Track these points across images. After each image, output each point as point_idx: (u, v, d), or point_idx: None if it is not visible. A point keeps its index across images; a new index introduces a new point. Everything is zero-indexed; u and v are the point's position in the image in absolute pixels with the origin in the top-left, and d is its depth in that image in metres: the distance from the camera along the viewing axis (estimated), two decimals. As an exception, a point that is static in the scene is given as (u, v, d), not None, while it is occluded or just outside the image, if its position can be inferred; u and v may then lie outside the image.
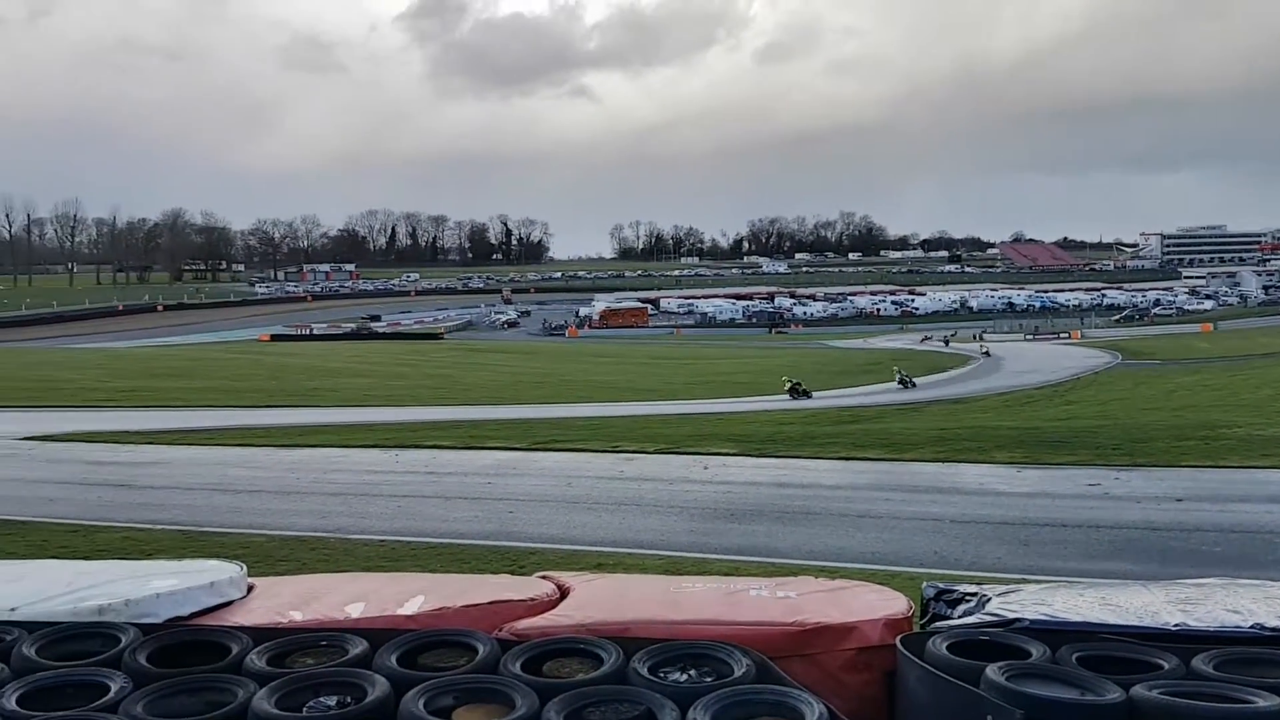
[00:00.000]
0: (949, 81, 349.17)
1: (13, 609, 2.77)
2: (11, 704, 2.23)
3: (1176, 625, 2.59)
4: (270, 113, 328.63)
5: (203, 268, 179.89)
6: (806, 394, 35.89)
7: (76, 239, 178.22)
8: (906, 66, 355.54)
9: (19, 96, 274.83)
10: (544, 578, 3.24)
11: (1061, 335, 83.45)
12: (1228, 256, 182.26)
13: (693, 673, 2.38)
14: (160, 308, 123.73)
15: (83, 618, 2.71)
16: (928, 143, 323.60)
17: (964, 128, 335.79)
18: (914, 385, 40.24)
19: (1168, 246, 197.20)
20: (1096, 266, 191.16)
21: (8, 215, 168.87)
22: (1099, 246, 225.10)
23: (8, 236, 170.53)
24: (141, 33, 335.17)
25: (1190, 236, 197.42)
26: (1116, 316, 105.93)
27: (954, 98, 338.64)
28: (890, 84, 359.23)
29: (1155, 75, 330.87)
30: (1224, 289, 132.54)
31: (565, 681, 2.32)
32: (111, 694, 2.28)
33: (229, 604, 2.95)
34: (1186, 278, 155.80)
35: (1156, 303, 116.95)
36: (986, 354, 59.08)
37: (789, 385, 36.42)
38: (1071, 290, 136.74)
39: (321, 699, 2.27)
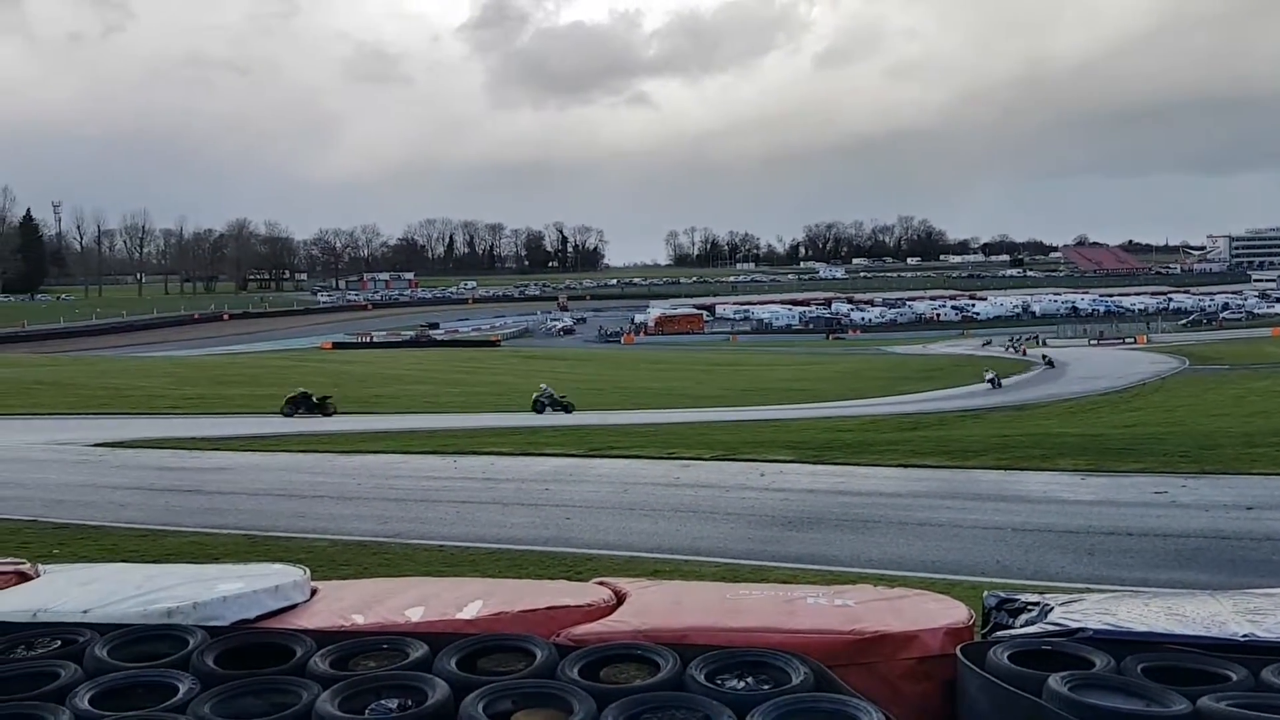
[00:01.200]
0: (1012, 84, 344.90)
1: (85, 611, 2.84)
2: (84, 704, 2.29)
3: (1245, 636, 2.53)
4: (333, 124, 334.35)
5: (267, 277, 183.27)
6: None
7: (145, 250, 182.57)
8: (969, 69, 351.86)
9: (92, 111, 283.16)
10: (601, 583, 3.25)
11: (1127, 340, 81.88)
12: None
13: (750, 680, 2.38)
14: (226, 316, 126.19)
15: (152, 620, 2.78)
16: (989, 146, 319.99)
17: (1026, 130, 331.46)
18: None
19: (1236, 249, 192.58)
20: (1163, 270, 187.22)
21: (79, 227, 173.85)
22: (1165, 249, 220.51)
23: (79, 248, 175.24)
24: (210, 47, 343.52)
25: (1260, 238, 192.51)
26: (1184, 321, 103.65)
27: (1017, 100, 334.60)
28: (952, 87, 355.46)
29: (1224, 75, 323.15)
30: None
31: (622, 687, 2.33)
32: (180, 695, 2.33)
33: (293, 607, 3.00)
34: (1256, 281, 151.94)
35: (1225, 306, 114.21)
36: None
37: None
38: (1137, 294, 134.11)
39: (383, 701, 2.30)
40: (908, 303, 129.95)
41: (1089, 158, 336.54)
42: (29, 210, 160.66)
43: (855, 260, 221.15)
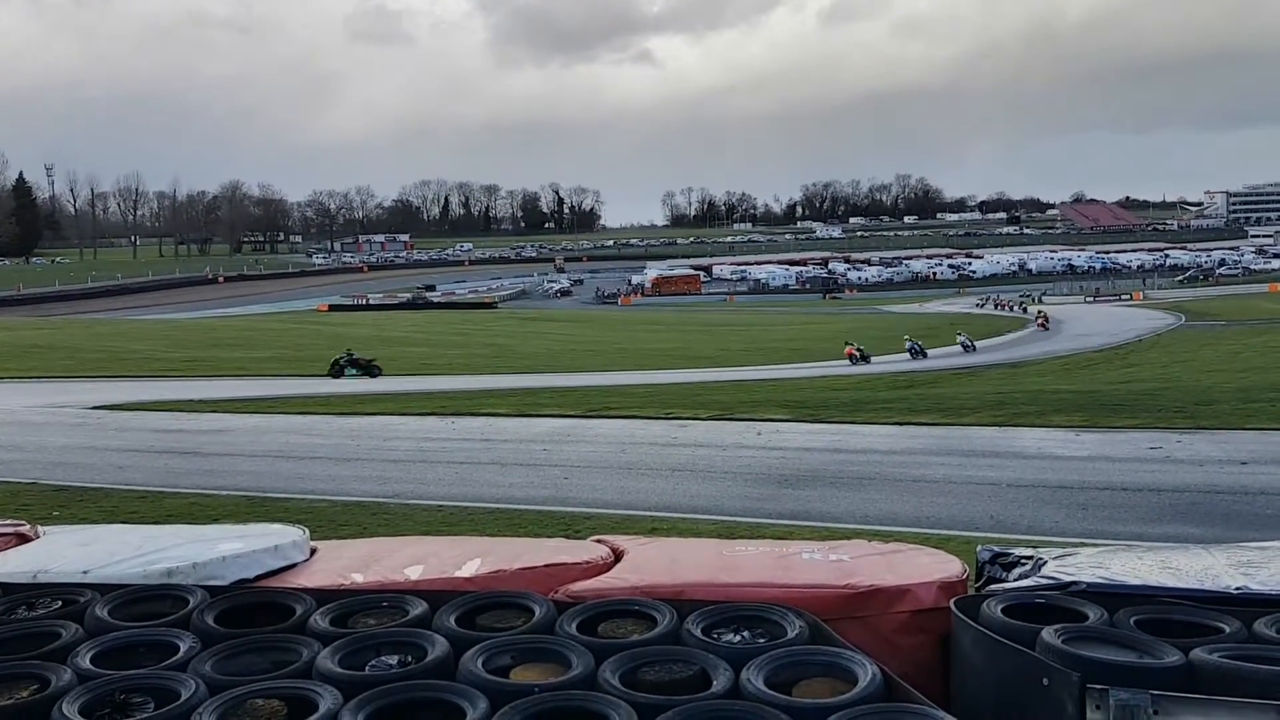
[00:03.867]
0: (1020, 40, 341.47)
1: (85, 571, 2.86)
2: (86, 663, 2.31)
3: (1238, 589, 2.55)
4: (331, 85, 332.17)
5: (261, 239, 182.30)
6: None
7: (139, 212, 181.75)
8: (977, 24, 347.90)
9: (91, 72, 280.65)
10: (599, 541, 3.28)
11: (1123, 297, 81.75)
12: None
13: (746, 634, 2.40)
14: (221, 279, 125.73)
15: (152, 580, 2.80)
16: (992, 103, 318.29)
17: (1031, 87, 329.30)
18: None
19: (1234, 205, 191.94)
20: (1160, 226, 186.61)
21: (72, 190, 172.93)
22: (1162, 206, 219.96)
23: (73, 211, 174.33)
24: (212, 6, 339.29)
25: (1257, 194, 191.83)
26: (1180, 277, 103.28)
27: (1024, 56, 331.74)
28: (959, 43, 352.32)
29: (1239, 29, 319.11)
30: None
31: (620, 642, 2.35)
32: (181, 653, 2.35)
33: (293, 567, 3.02)
34: (1253, 237, 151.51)
35: (1222, 262, 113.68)
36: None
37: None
38: (1134, 251, 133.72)
39: (383, 658, 2.32)
40: (904, 262, 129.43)
41: (1093, 114, 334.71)
42: (21, 173, 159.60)
43: (852, 219, 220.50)
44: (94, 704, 2.13)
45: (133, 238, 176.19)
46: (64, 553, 3.11)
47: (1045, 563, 2.84)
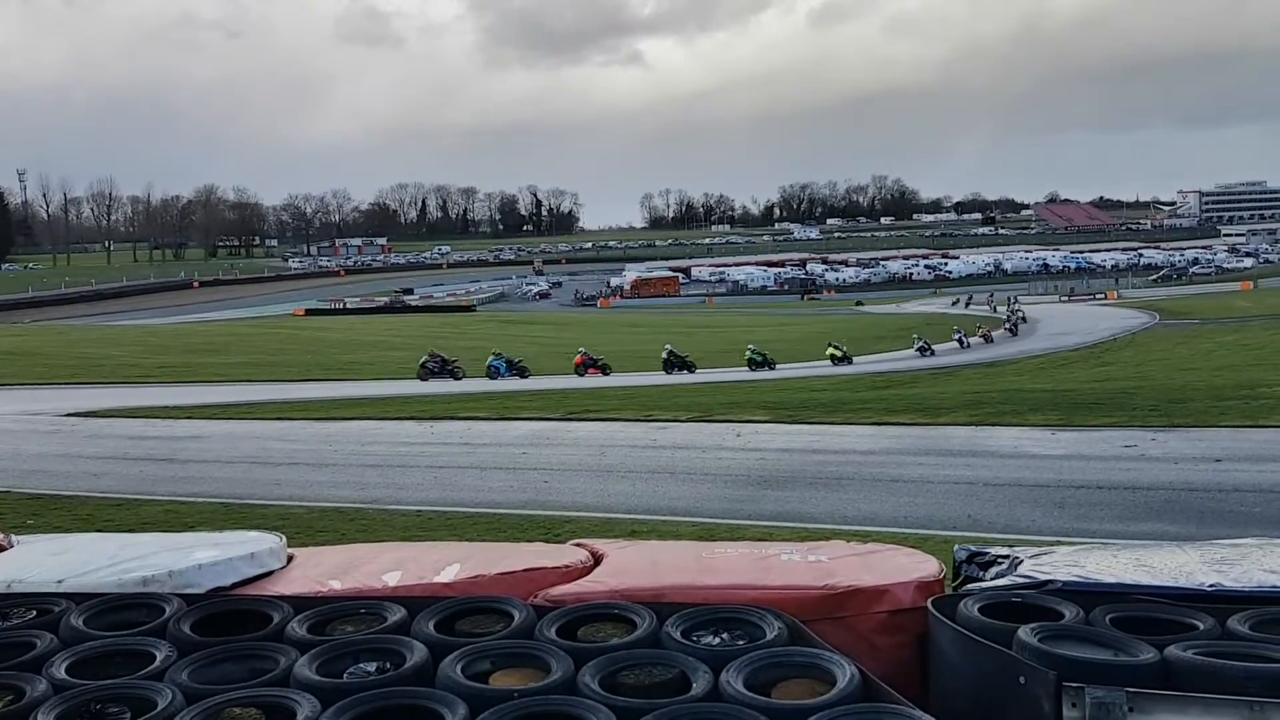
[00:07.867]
0: (1001, 40, 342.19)
1: (60, 581, 2.83)
2: (61, 673, 2.29)
3: (1212, 586, 2.58)
4: (315, 89, 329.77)
5: (236, 244, 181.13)
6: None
7: (112, 217, 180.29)
8: (966, 24, 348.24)
9: (75, 75, 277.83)
10: (578, 545, 3.27)
11: (1098, 296, 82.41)
12: (1268, 213, 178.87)
13: (725, 636, 2.40)
14: (196, 284, 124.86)
15: (128, 589, 2.77)
16: (969, 104, 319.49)
17: (1008, 88, 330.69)
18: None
19: (1206, 204, 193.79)
20: (1133, 226, 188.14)
21: (45, 195, 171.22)
22: (1136, 205, 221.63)
23: (46, 216, 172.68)
24: (200, 8, 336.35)
25: (1229, 193, 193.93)
26: (1154, 276, 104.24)
27: (1003, 57, 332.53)
28: (947, 43, 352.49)
29: (1222, 28, 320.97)
30: (1264, 246, 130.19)
31: (600, 646, 2.35)
32: (157, 662, 2.34)
33: (269, 574, 3.01)
34: (1226, 235, 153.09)
35: (1195, 261, 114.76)
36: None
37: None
38: (1108, 250, 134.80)
39: (361, 665, 2.31)
40: (881, 262, 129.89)
41: (1069, 115, 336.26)
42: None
43: (829, 221, 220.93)
44: (70, 714, 2.11)
45: (106, 243, 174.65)
46: (38, 562, 3.08)
47: (1021, 561, 2.86)
